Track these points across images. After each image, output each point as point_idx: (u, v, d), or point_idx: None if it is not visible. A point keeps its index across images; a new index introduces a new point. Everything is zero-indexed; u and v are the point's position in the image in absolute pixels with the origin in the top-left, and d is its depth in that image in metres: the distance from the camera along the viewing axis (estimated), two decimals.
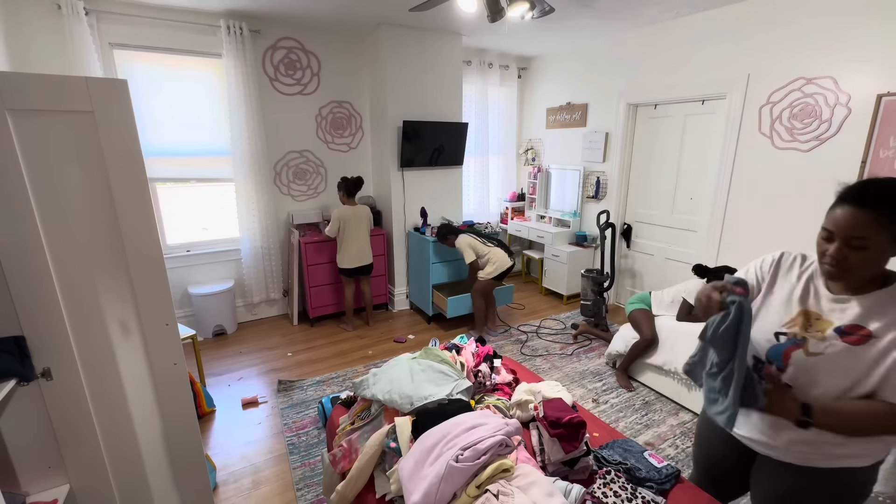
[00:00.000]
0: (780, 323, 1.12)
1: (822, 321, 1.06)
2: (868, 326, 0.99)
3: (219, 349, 3.65)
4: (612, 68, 4.22)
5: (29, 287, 1.22)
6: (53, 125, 1.21)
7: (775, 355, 1.12)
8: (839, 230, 0.98)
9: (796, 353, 1.07)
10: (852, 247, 0.96)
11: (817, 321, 1.06)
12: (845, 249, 0.97)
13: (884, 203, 0.93)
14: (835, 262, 1.00)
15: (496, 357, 2.04)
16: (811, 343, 1.05)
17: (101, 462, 1.42)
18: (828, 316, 1.06)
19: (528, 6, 2.33)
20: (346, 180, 3.70)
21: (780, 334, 1.11)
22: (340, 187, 3.72)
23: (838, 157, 2.74)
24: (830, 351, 1.02)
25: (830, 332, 1.03)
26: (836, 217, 0.99)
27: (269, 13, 3.51)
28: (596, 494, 1.30)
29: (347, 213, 3.67)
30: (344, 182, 3.71)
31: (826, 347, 1.03)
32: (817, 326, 1.06)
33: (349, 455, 1.57)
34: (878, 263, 0.99)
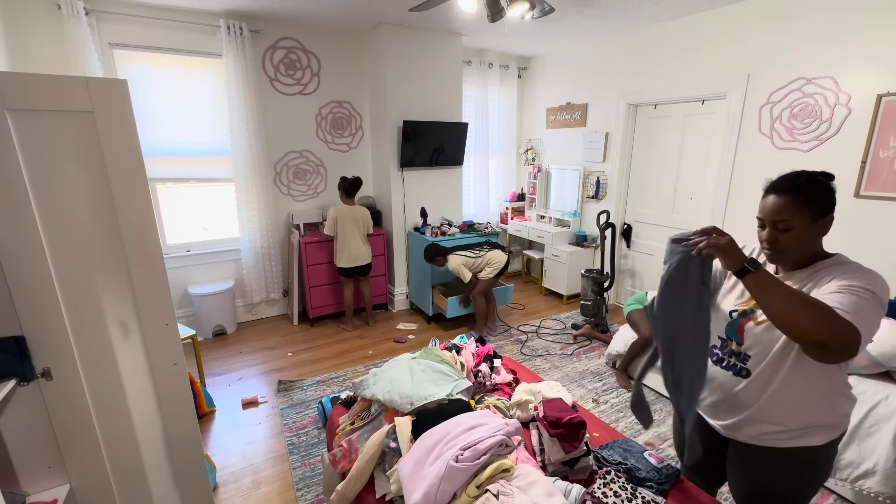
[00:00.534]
0: (734, 302, 1.27)
1: None
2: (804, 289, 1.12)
3: (219, 349, 3.65)
4: (612, 68, 4.22)
5: (29, 287, 1.22)
6: (53, 125, 1.21)
7: (732, 331, 1.25)
8: (766, 216, 1.15)
9: (748, 324, 1.21)
10: (779, 229, 1.12)
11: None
12: (774, 233, 1.13)
13: (796, 189, 1.10)
14: (769, 245, 1.16)
15: (496, 357, 2.04)
16: (758, 313, 1.19)
17: (101, 462, 1.42)
18: None
19: (528, 6, 2.33)
20: (344, 180, 3.71)
21: (733, 312, 1.26)
22: (340, 187, 3.73)
23: (838, 157, 2.74)
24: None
25: None
26: (763, 206, 1.16)
27: (269, 13, 3.51)
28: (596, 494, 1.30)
29: (343, 213, 3.67)
30: (343, 182, 3.71)
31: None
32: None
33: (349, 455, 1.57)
34: (806, 242, 1.12)
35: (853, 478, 1.91)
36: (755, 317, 1.20)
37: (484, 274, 3.62)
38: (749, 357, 1.21)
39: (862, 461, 1.89)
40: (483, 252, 3.68)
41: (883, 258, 2.57)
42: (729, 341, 1.27)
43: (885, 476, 1.83)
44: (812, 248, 1.15)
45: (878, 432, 1.88)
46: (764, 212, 1.15)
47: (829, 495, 2.07)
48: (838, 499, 2.05)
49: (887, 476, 1.82)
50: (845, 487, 1.98)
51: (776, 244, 1.14)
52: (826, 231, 1.13)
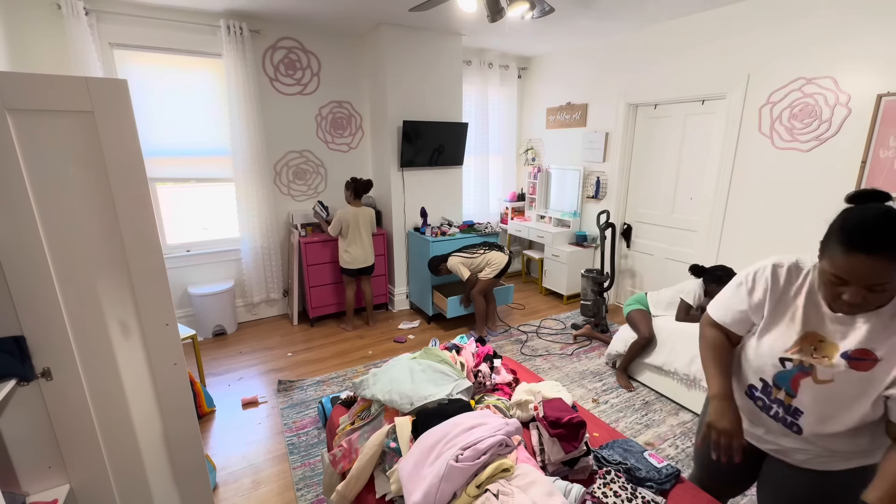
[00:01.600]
0: (784, 347, 1.10)
1: (826, 344, 1.04)
2: (874, 350, 0.98)
3: (219, 349, 3.65)
4: (612, 68, 4.22)
5: (29, 287, 1.22)
6: (53, 125, 1.21)
7: (783, 381, 1.11)
8: (857, 279, 0.92)
9: (805, 380, 1.07)
10: (872, 291, 0.92)
11: (821, 344, 1.04)
12: (864, 293, 0.93)
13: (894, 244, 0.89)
14: (855, 309, 0.96)
15: (496, 357, 2.04)
16: (819, 370, 1.04)
17: (101, 462, 1.42)
18: (831, 338, 1.04)
19: (528, 6, 2.33)
20: (355, 181, 3.68)
21: (785, 360, 1.10)
22: (349, 187, 3.69)
23: (838, 157, 2.75)
24: (839, 378, 1.02)
25: (837, 358, 1.02)
26: (850, 267, 0.92)
27: (269, 13, 3.51)
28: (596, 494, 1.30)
29: (350, 215, 3.68)
30: (353, 182, 3.68)
31: (835, 374, 1.02)
32: (822, 351, 1.04)
33: (349, 455, 1.57)
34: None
35: None
36: (814, 374, 1.05)
37: (484, 274, 3.62)
38: (801, 413, 1.10)
39: None
40: (483, 252, 3.68)
41: None
42: (776, 389, 1.14)
43: None
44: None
45: None
46: (853, 275, 0.92)
47: None
48: None
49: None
50: None
51: (864, 306, 0.95)
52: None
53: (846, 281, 0.94)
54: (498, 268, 3.62)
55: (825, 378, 1.03)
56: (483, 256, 3.65)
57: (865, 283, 0.91)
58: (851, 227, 0.93)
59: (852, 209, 0.97)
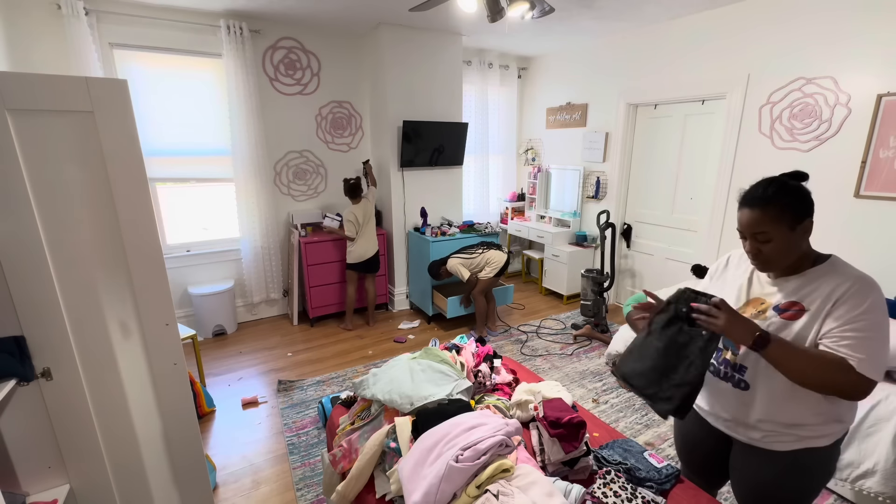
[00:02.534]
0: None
1: (764, 304, 1.19)
2: (801, 301, 1.12)
3: (219, 349, 3.65)
4: (612, 68, 4.22)
5: (29, 287, 1.22)
6: (53, 125, 1.21)
7: (728, 342, 1.24)
8: (745, 229, 1.14)
9: None
10: (759, 241, 1.12)
11: (761, 305, 1.20)
12: (756, 244, 1.13)
13: (768, 200, 1.09)
14: (753, 256, 1.16)
15: (496, 357, 2.04)
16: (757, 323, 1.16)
17: (101, 462, 1.42)
18: (769, 299, 1.19)
19: (528, 6, 2.33)
20: (346, 183, 3.74)
21: None
22: (344, 189, 3.77)
23: (838, 157, 2.74)
24: (772, 328, 1.14)
25: (770, 310, 1.16)
26: (739, 219, 1.16)
27: (269, 13, 3.51)
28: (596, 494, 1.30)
29: (359, 212, 3.75)
30: (344, 185, 3.75)
31: (768, 325, 1.15)
32: (760, 309, 1.19)
33: (349, 455, 1.57)
34: (789, 250, 1.11)
35: (853, 478, 1.91)
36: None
37: (484, 273, 3.62)
38: (745, 368, 1.21)
39: (862, 461, 1.89)
40: (482, 252, 3.68)
41: (883, 258, 2.56)
42: (725, 350, 1.26)
43: (885, 476, 1.82)
44: (798, 253, 1.13)
45: (878, 432, 1.88)
46: (742, 225, 1.15)
47: (829, 495, 2.07)
48: (838, 499, 2.05)
49: (887, 476, 1.82)
50: (845, 487, 1.98)
51: (759, 255, 1.14)
52: (808, 234, 1.12)
53: (743, 234, 1.16)
54: (497, 267, 3.62)
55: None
56: (482, 256, 3.65)
57: (750, 231, 1.12)
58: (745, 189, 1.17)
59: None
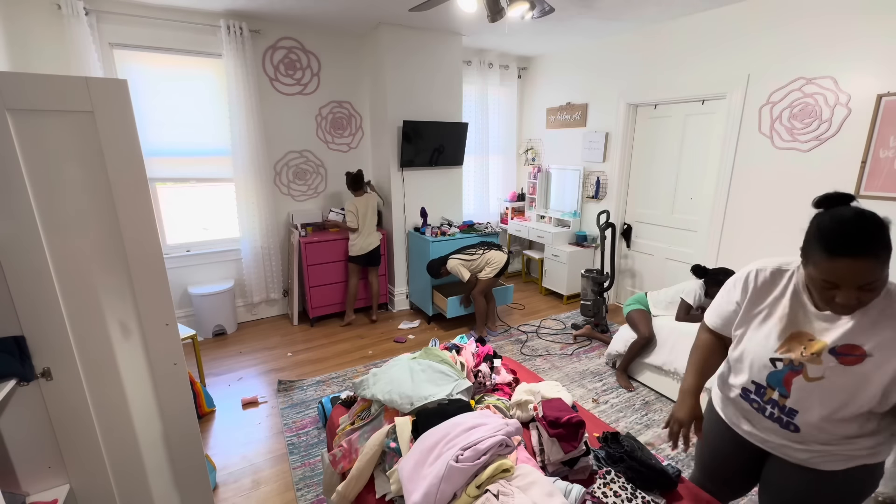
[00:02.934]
0: (773, 348, 1.11)
1: (814, 342, 1.05)
2: (862, 345, 0.99)
3: (219, 349, 3.65)
4: (612, 68, 4.22)
5: (29, 287, 1.22)
6: (53, 125, 1.21)
7: (776, 382, 1.12)
8: (847, 282, 0.94)
9: (797, 378, 1.08)
10: (863, 290, 0.94)
11: (810, 342, 1.06)
12: (856, 294, 0.95)
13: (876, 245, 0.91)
14: (850, 310, 0.98)
15: (496, 357, 2.04)
16: (809, 368, 1.06)
17: (101, 462, 1.42)
18: (819, 335, 1.05)
19: (528, 6, 2.33)
20: (347, 175, 3.82)
21: (776, 360, 1.11)
22: (346, 182, 3.85)
23: (838, 157, 2.74)
24: (829, 374, 1.03)
25: (826, 354, 1.03)
26: (837, 271, 0.94)
27: (269, 13, 3.51)
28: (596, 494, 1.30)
29: (361, 203, 3.80)
30: (346, 177, 3.83)
31: (825, 371, 1.04)
32: (811, 349, 1.05)
33: (349, 455, 1.57)
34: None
35: None
36: (805, 371, 1.06)
37: (484, 274, 3.62)
38: (797, 412, 1.10)
39: None
40: (482, 252, 3.68)
41: None
42: (769, 390, 1.14)
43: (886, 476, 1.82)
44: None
45: None
46: (842, 278, 0.94)
47: None
48: None
49: (887, 476, 1.82)
50: None
51: (858, 306, 0.97)
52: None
53: (836, 284, 0.95)
54: (497, 267, 3.62)
55: (816, 375, 1.05)
56: (482, 256, 3.65)
57: (855, 284, 0.93)
58: (829, 233, 0.95)
59: (823, 214, 1.00)
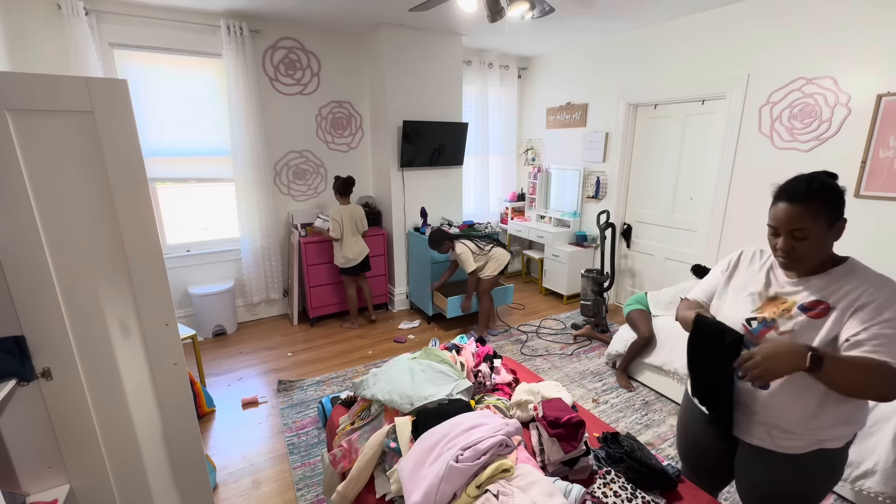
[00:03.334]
0: (749, 310, 1.22)
1: (786, 303, 1.16)
2: (826, 300, 1.10)
3: (219, 349, 3.65)
4: (612, 68, 4.22)
5: (29, 287, 1.22)
6: (53, 125, 1.21)
7: (749, 340, 1.20)
8: (781, 225, 1.09)
9: (769, 333, 1.16)
10: (795, 238, 1.08)
11: (783, 304, 1.17)
12: (791, 241, 1.09)
13: (811, 195, 1.05)
14: (785, 254, 1.11)
15: (496, 357, 2.04)
16: (780, 322, 1.15)
17: (101, 462, 1.42)
18: (791, 297, 1.16)
19: (528, 6, 2.33)
20: (337, 179, 3.72)
21: (751, 320, 1.21)
22: (334, 187, 3.74)
23: (838, 157, 2.74)
24: (798, 326, 1.12)
25: (795, 309, 1.13)
26: (776, 214, 1.10)
27: (269, 13, 3.51)
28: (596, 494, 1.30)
29: (345, 212, 3.70)
30: (335, 182, 3.73)
31: (794, 324, 1.12)
32: (784, 307, 1.16)
33: (349, 455, 1.57)
34: (822, 249, 1.09)
35: (853, 478, 1.91)
36: (777, 326, 1.14)
37: (487, 273, 3.61)
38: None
39: (862, 461, 1.89)
40: (490, 248, 3.65)
41: (883, 258, 2.56)
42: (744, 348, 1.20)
43: (885, 476, 1.83)
44: (827, 253, 1.12)
45: (878, 432, 1.88)
46: (778, 220, 1.09)
47: (829, 495, 2.07)
48: (838, 499, 2.05)
49: (887, 476, 1.82)
50: (845, 487, 1.98)
51: (793, 252, 1.09)
52: (839, 235, 1.09)
53: (776, 230, 1.11)
54: (502, 265, 3.62)
55: (787, 329, 1.13)
56: (488, 254, 3.62)
57: (788, 227, 1.08)
58: (781, 184, 1.12)
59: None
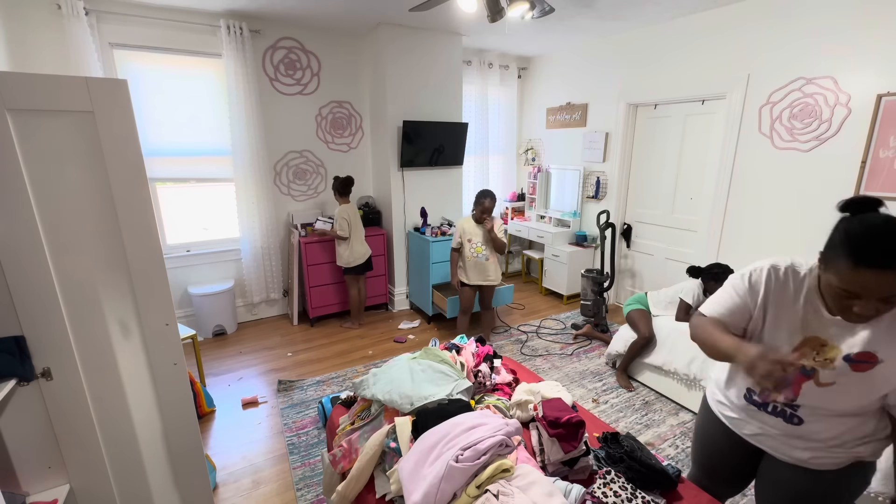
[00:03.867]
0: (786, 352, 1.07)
1: (828, 348, 1.02)
2: (875, 352, 0.98)
3: (219, 349, 3.65)
4: (612, 68, 4.22)
5: (29, 287, 1.22)
6: (53, 125, 1.21)
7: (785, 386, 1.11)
8: (870, 293, 0.91)
9: (807, 384, 1.06)
10: (885, 302, 0.91)
11: (823, 348, 1.02)
12: (878, 305, 0.92)
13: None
14: (867, 320, 0.97)
15: (496, 357, 2.04)
16: (822, 374, 1.04)
17: (101, 462, 1.42)
18: (833, 341, 1.03)
19: (528, 6, 2.33)
20: (336, 179, 3.72)
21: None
22: (334, 186, 3.74)
23: (838, 157, 2.74)
24: (841, 380, 1.02)
25: (840, 361, 1.01)
26: (862, 281, 0.90)
27: (269, 13, 3.51)
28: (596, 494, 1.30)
29: (351, 211, 3.71)
30: (335, 182, 3.72)
31: (837, 377, 1.02)
32: (825, 354, 1.02)
33: (349, 455, 1.57)
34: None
35: None
36: (816, 377, 1.05)
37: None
38: (800, 406, 1.11)
39: None
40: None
41: None
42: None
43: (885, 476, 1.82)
44: None
45: None
46: (867, 289, 0.90)
47: None
48: None
49: (887, 476, 1.82)
50: None
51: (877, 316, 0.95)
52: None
53: (857, 294, 0.92)
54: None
55: (827, 381, 1.04)
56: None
57: (878, 296, 0.90)
58: (857, 241, 0.90)
59: (852, 220, 0.95)
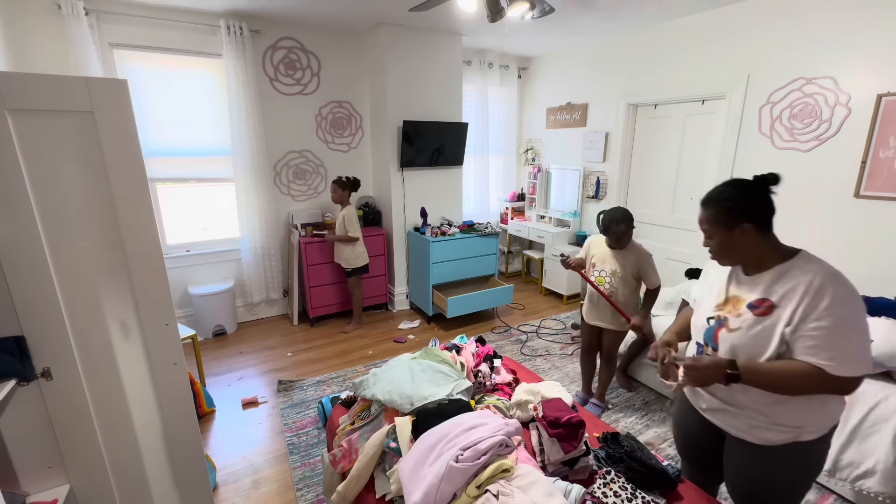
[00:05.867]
0: (712, 307, 1.30)
1: (739, 300, 1.23)
2: (770, 297, 1.15)
3: (219, 349, 3.65)
4: (612, 68, 4.22)
5: (29, 287, 1.22)
6: (53, 125, 1.21)
7: (709, 337, 1.28)
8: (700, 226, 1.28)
9: (721, 331, 1.23)
10: (706, 236, 1.26)
11: (737, 302, 1.23)
12: (705, 239, 1.28)
13: (706, 203, 1.26)
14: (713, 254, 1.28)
15: (496, 357, 2.04)
16: (730, 320, 1.22)
17: (101, 462, 1.42)
18: (745, 295, 1.23)
19: (528, 6, 2.33)
20: (347, 180, 3.67)
21: (710, 318, 1.29)
22: (345, 187, 3.65)
23: (838, 157, 2.74)
24: (745, 324, 1.18)
25: (744, 307, 1.20)
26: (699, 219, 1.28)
27: (269, 13, 3.51)
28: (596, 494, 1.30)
29: (356, 212, 3.72)
30: (347, 182, 3.66)
31: (742, 322, 1.19)
32: (736, 306, 1.23)
33: (349, 455, 1.57)
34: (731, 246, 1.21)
35: (853, 478, 1.91)
36: (727, 324, 1.22)
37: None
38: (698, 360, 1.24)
39: (862, 461, 1.89)
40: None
41: (882, 258, 2.56)
42: (705, 346, 1.29)
43: (885, 476, 1.82)
44: (757, 251, 1.20)
45: (878, 432, 1.88)
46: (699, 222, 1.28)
47: (829, 495, 2.07)
48: (838, 499, 2.05)
49: (887, 476, 1.82)
50: (845, 487, 1.98)
51: (709, 248, 1.27)
52: (757, 235, 1.18)
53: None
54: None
55: (735, 326, 1.20)
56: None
57: (700, 228, 1.27)
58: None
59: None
